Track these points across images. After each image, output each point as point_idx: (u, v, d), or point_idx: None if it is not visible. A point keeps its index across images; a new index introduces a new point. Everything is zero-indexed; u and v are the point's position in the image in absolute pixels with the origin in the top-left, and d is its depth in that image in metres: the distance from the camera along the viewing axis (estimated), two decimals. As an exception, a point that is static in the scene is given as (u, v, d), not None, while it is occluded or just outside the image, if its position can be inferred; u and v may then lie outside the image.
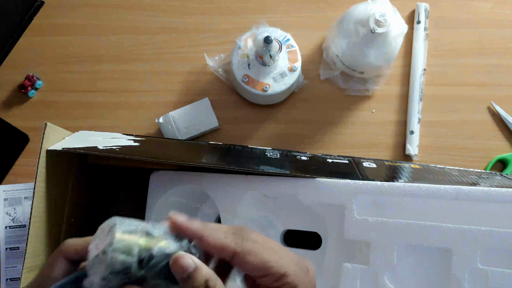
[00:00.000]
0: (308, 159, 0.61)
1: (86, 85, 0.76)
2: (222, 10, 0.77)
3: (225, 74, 0.73)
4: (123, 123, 0.75)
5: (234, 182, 0.55)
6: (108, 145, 0.57)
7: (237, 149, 0.65)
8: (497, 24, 0.75)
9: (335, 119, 0.74)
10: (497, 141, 0.72)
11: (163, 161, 0.53)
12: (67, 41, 0.77)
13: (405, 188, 0.49)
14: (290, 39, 0.70)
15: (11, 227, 0.71)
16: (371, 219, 0.48)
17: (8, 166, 0.74)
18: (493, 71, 0.74)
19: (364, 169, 0.57)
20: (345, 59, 0.69)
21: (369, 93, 0.73)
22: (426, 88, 0.74)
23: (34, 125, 0.75)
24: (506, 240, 0.44)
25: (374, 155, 0.73)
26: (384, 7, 0.63)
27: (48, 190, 0.54)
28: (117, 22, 0.78)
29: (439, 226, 0.46)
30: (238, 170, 0.52)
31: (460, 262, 0.45)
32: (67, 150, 0.54)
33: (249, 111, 0.74)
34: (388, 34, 0.64)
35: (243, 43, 0.69)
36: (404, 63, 0.74)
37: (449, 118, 0.73)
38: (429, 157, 0.72)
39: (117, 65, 0.77)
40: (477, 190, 0.47)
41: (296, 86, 0.72)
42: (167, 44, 0.77)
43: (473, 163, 0.72)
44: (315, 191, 0.51)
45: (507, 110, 0.72)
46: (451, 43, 0.75)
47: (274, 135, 0.74)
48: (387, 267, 0.47)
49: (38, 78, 0.76)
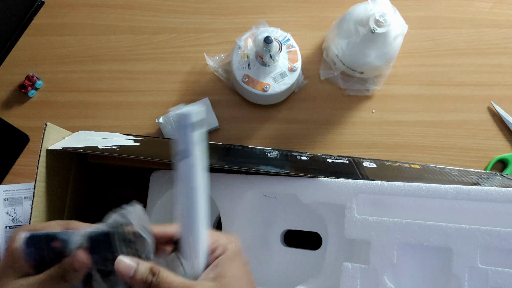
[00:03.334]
0: (308, 159, 0.61)
1: (86, 85, 0.76)
2: (222, 10, 0.77)
3: (225, 74, 0.73)
4: (123, 123, 0.75)
5: (234, 182, 0.55)
6: (108, 145, 0.57)
7: (237, 149, 0.65)
8: (497, 24, 0.75)
9: (335, 119, 0.74)
10: (497, 141, 0.72)
11: (163, 161, 0.53)
12: (67, 41, 0.77)
13: (405, 188, 0.49)
14: (290, 39, 0.70)
15: (11, 227, 0.71)
16: (372, 218, 0.48)
17: (8, 166, 0.74)
18: (493, 71, 0.74)
19: (364, 169, 0.57)
20: (345, 59, 0.69)
21: (369, 93, 0.73)
22: (426, 88, 0.74)
23: (34, 125, 0.75)
24: (506, 240, 0.44)
25: (374, 155, 0.73)
26: (384, 7, 0.63)
27: (48, 190, 0.54)
28: (117, 22, 0.78)
29: (439, 225, 0.46)
30: (238, 170, 0.52)
31: (460, 262, 0.45)
32: (67, 149, 0.54)
33: (249, 111, 0.74)
34: (388, 34, 0.64)
35: (243, 43, 0.69)
36: (404, 63, 0.74)
37: (449, 118, 0.73)
38: (429, 157, 0.72)
39: (117, 65, 0.77)
40: (477, 190, 0.47)
41: (296, 86, 0.72)
42: (167, 44, 0.77)
43: (473, 163, 0.72)
44: (315, 191, 0.51)
45: (507, 110, 0.72)
46: (451, 43, 0.75)
47: (274, 135, 0.74)
48: (387, 266, 0.47)
49: (38, 78, 0.76)
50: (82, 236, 0.35)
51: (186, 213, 0.35)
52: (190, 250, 0.36)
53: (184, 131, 0.32)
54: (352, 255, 0.53)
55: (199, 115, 0.33)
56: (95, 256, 0.35)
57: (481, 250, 0.45)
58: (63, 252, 0.35)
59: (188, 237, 0.35)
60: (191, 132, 0.32)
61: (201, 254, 0.36)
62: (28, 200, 0.72)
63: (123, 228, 0.35)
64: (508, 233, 0.44)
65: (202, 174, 0.34)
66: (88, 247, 0.35)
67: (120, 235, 0.35)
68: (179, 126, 0.32)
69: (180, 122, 0.32)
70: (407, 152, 0.72)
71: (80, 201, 0.62)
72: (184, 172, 0.33)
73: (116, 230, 0.35)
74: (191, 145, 0.33)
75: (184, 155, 0.33)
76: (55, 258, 0.35)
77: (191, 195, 0.34)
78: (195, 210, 0.34)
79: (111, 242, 0.35)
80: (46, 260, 0.35)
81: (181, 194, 0.34)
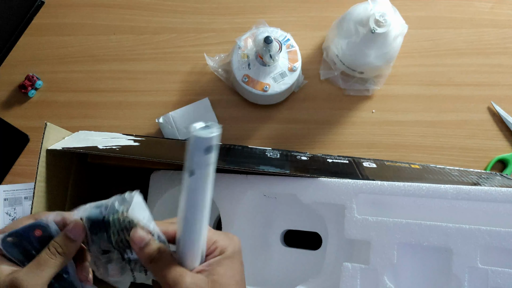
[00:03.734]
0: (308, 159, 0.61)
1: (86, 85, 0.76)
2: (222, 10, 0.77)
3: (225, 74, 0.73)
4: (123, 123, 0.75)
5: (234, 182, 0.55)
6: (108, 145, 0.57)
7: (237, 149, 0.65)
8: (497, 24, 0.75)
9: (335, 119, 0.74)
10: (497, 141, 0.72)
11: (163, 161, 0.53)
12: (67, 41, 0.77)
13: (405, 188, 0.49)
14: (290, 39, 0.69)
15: (11, 227, 0.71)
16: (372, 218, 0.48)
17: (8, 166, 0.74)
18: (493, 71, 0.74)
19: (364, 169, 0.57)
20: (345, 59, 0.69)
21: (369, 93, 0.73)
22: (426, 88, 0.74)
23: (34, 125, 0.75)
24: (506, 240, 0.44)
25: (374, 155, 0.73)
26: (384, 7, 0.63)
27: (48, 190, 0.54)
28: (117, 22, 0.78)
29: (439, 225, 0.46)
30: (238, 170, 0.52)
31: (460, 262, 0.45)
32: (67, 149, 0.54)
33: (249, 111, 0.74)
34: (388, 34, 0.64)
35: (243, 43, 0.69)
36: (404, 63, 0.74)
37: (449, 118, 0.73)
38: (429, 157, 0.72)
39: (117, 65, 0.77)
40: (477, 189, 0.47)
41: (296, 86, 0.72)
42: (167, 44, 0.77)
43: (473, 163, 0.72)
44: (315, 191, 0.51)
45: (507, 110, 0.72)
46: (451, 43, 0.75)
47: (274, 135, 0.74)
48: (387, 266, 0.47)
49: (38, 78, 0.76)
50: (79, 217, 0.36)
51: (186, 220, 0.35)
52: (185, 252, 0.36)
53: (199, 153, 0.32)
54: (352, 255, 0.53)
55: (217, 139, 0.32)
56: (93, 236, 0.36)
57: (481, 250, 0.45)
58: (46, 238, 0.36)
59: (184, 241, 0.36)
60: (206, 155, 0.32)
61: (196, 255, 0.37)
62: (28, 200, 0.72)
63: (120, 214, 0.36)
64: (508, 233, 0.44)
65: (210, 191, 0.34)
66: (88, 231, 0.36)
67: (115, 221, 0.36)
68: (195, 147, 0.32)
69: (197, 144, 0.32)
70: (407, 152, 0.72)
71: (80, 201, 0.62)
72: (190, 187, 0.33)
73: (113, 216, 0.35)
74: (203, 166, 0.32)
75: (194, 173, 0.33)
76: (39, 247, 0.36)
77: (193, 206, 0.34)
78: (194, 219, 0.35)
79: (106, 227, 0.36)
80: (30, 252, 0.36)
81: (183, 204, 0.34)
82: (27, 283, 0.33)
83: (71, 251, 0.36)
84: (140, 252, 0.36)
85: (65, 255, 0.36)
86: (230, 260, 0.37)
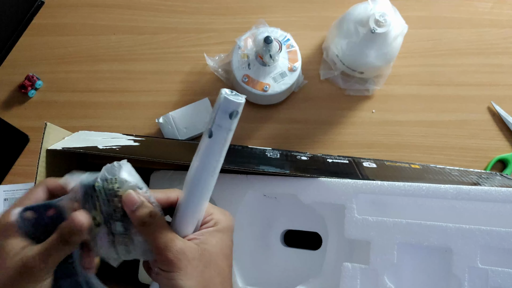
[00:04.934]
0: (308, 159, 0.61)
1: (86, 85, 0.76)
2: (222, 10, 0.77)
3: (225, 74, 0.73)
4: (123, 123, 0.75)
5: (235, 182, 0.55)
6: (108, 145, 0.57)
7: (237, 149, 0.65)
8: (497, 24, 0.75)
9: (335, 119, 0.74)
10: (497, 141, 0.72)
11: (163, 161, 0.53)
12: (67, 41, 0.77)
13: (405, 188, 0.49)
14: (290, 39, 0.70)
15: (11, 227, 0.71)
16: (372, 218, 0.48)
17: (8, 166, 0.74)
18: (493, 71, 0.74)
19: (364, 169, 0.57)
20: (345, 59, 0.69)
21: (369, 93, 0.73)
22: (426, 88, 0.74)
23: (34, 125, 0.75)
24: (506, 240, 0.44)
25: (374, 155, 0.73)
26: (384, 7, 0.63)
27: (48, 190, 0.54)
28: (117, 22, 0.78)
29: (439, 225, 0.46)
30: (238, 170, 0.52)
31: (460, 262, 0.45)
32: (67, 149, 0.54)
33: (249, 111, 0.74)
34: (388, 34, 0.64)
35: (243, 43, 0.69)
36: (404, 63, 0.74)
37: (449, 118, 0.73)
38: (429, 157, 0.72)
39: (117, 65, 0.77)
40: (477, 189, 0.47)
41: (296, 86, 0.72)
42: (167, 44, 0.77)
43: (473, 163, 0.72)
44: (315, 191, 0.51)
45: (507, 110, 0.72)
46: (451, 43, 0.75)
47: (274, 135, 0.74)
48: (387, 266, 0.47)
49: (38, 78, 0.76)
50: (74, 192, 0.37)
51: (194, 182, 0.36)
52: (184, 217, 0.37)
53: (224, 115, 0.34)
54: (352, 255, 0.53)
55: (242, 107, 0.34)
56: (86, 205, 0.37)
57: (481, 250, 0.45)
58: (59, 217, 0.37)
59: (187, 204, 0.37)
60: (229, 118, 0.34)
61: (193, 221, 0.38)
62: (28, 200, 0.72)
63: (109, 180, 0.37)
64: (508, 233, 0.44)
65: (223, 158, 0.36)
66: (81, 200, 0.37)
67: (106, 188, 0.37)
68: (221, 108, 0.34)
69: (225, 106, 0.34)
70: (407, 152, 0.72)
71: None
72: (206, 147, 0.35)
73: (103, 182, 0.36)
74: (224, 130, 0.34)
75: (213, 135, 0.34)
76: (53, 226, 0.37)
77: (205, 169, 0.36)
78: (203, 183, 0.36)
79: (98, 195, 0.37)
80: (45, 229, 0.37)
81: (196, 165, 0.36)
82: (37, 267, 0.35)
83: (77, 240, 0.37)
84: (132, 215, 0.36)
85: (72, 242, 0.36)
86: (222, 234, 0.39)
